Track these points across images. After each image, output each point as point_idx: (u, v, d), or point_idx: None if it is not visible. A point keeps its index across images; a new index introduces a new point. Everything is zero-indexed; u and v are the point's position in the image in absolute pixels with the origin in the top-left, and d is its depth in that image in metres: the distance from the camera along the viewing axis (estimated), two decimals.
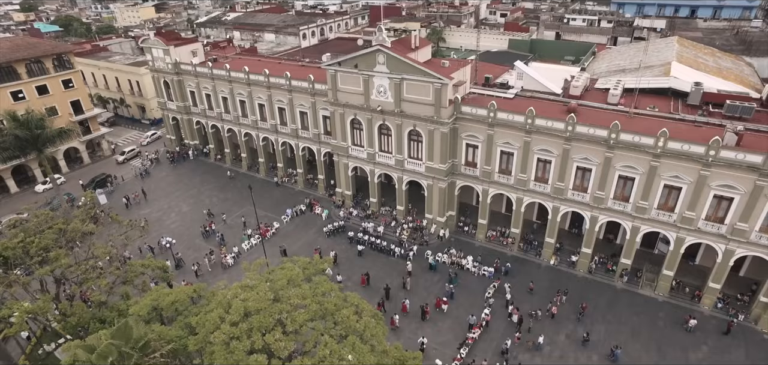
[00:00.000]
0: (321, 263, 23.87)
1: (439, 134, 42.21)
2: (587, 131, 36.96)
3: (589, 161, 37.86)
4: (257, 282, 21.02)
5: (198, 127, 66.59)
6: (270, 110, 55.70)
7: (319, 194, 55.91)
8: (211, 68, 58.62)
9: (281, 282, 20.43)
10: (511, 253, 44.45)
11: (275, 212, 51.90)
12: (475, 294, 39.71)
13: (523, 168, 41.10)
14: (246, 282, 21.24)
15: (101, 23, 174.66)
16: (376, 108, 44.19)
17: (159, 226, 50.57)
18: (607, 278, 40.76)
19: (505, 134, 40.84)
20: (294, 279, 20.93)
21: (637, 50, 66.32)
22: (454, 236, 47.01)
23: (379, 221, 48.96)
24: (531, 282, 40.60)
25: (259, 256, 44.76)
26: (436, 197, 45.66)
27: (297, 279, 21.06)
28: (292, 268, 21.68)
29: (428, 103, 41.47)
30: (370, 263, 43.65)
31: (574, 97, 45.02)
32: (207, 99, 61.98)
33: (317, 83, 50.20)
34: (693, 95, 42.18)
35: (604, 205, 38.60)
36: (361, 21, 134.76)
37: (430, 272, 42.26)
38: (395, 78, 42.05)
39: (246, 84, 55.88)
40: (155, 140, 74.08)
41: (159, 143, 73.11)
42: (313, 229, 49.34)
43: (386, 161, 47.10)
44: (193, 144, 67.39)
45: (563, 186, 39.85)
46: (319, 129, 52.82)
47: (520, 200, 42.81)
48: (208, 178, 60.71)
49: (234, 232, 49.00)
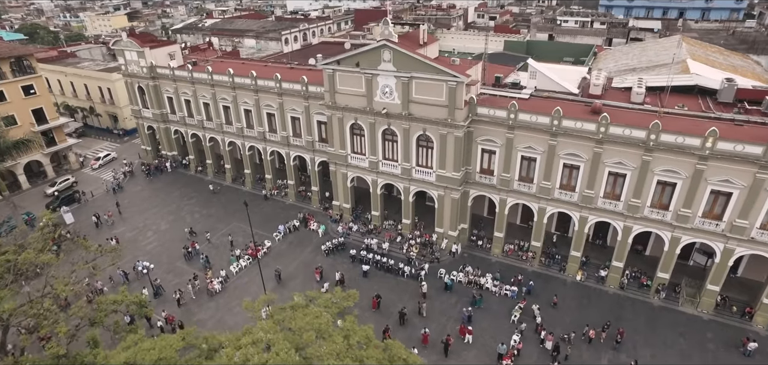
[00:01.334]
0: (346, 299, 18.99)
1: (453, 139, 37.86)
2: (622, 133, 33.16)
3: (624, 165, 34.05)
4: (272, 334, 15.86)
5: (176, 136, 60.70)
6: (257, 116, 50.51)
7: (313, 208, 50.81)
8: (191, 71, 53.14)
9: (307, 335, 15.37)
10: (531, 269, 40.27)
11: (266, 228, 46.58)
12: (498, 317, 35.30)
13: (548, 175, 37.07)
14: (258, 334, 16.04)
15: (70, 32, 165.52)
16: (380, 111, 39.60)
17: (134, 247, 44.60)
18: (641, 294, 36.92)
19: (526, 137, 36.78)
20: (322, 329, 15.90)
21: (641, 50, 63.85)
22: (467, 252, 42.59)
23: (383, 237, 44.18)
24: (554, 295, 36.71)
25: (249, 279, 39.54)
26: (448, 209, 41.21)
27: (326, 327, 16.07)
28: (318, 313, 16.68)
29: (441, 104, 37.13)
30: (378, 284, 38.81)
31: (595, 96, 41.42)
32: (186, 105, 56.33)
33: (311, 85, 45.38)
34: (724, 92, 39.05)
35: (640, 214, 34.82)
36: (345, 26, 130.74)
37: (445, 293, 37.67)
38: (403, 77, 37.60)
39: (230, 88, 50.61)
40: (109, 161, 64.63)
41: (130, 156, 66.72)
42: (310, 247, 44.20)
43: (391, 170, 42.46)
44: (171, 155, 61.40)
45: (593, 194, 35.95)
46: (314, 136, 47.90)
47: (542, 211, 38.74)
48: (188, 192, 54.89)
49: (220, 253, 43.46)
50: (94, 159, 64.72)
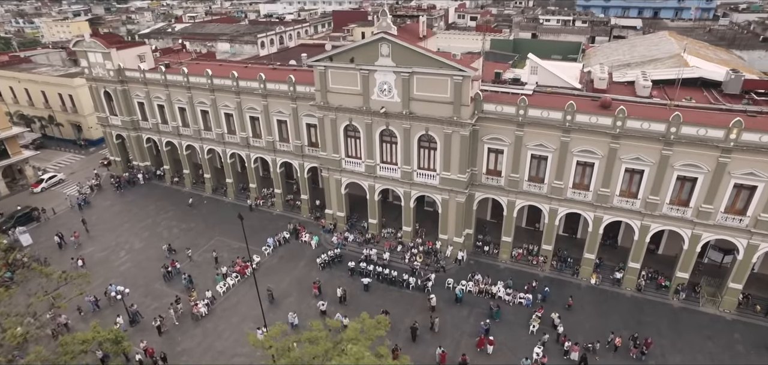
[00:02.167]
0: (376, 328, 15.90)
1: (459, 138, 35.26)
2: (640, 126, 31.29)
3: (642, 161, 32.20)
4: None
5: (149, 145, 55.95)
6: (240, 120, 46.66)
7: (303, 218, 47.24)
8: (165, 73, 48.80)
9: None
10: (543, 274, 38.02)
11: (253, 242, 42.61)
12: (514, 328, 32.77)
13: (560, 174, 34.92)
14: None
15: (23, 39, 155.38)
16: (378, 110, 36.65)
17: (105, 269, 39.96)
18: (659, 295, 35.15)
19: (537, 134, 34.55)
20: None
21: (631, 46, 63.35)
22: (473, 259, 40.02)
23: (383, 247, 41.10)
24: (570, 297, 34.78)
25: (239, 300, 35.78)
26: (454, 214, 38.54)
27: None
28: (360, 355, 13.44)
29: (445, 101, 34.49)
30: (381, 298, 35.69)
31: (600, 91, 39.87)
32: (160, 111, 51.83)
33: (300, 85, 42.02)
34: (731, 84, 38.16)
35: (659, 212, 33.04)
36: (322, 29, 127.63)
37: (455, 305, 34.89)
38: (403, 73, 34.78)
39: (209, 90, 46.60)
40: (55, 184, 56.54)
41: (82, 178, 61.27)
42: (303, 261, 40.66)
43: (390, 175, 39.51)
44: (144, 166, 56.57)
45: (608, 192, 34.00)
46: (303, 140, 44.46)
47: (554, 212, 36.57)
48: (164, 205, 50.30)
49: (204, 271, 39.37)
50: (35, 182, 56.25)
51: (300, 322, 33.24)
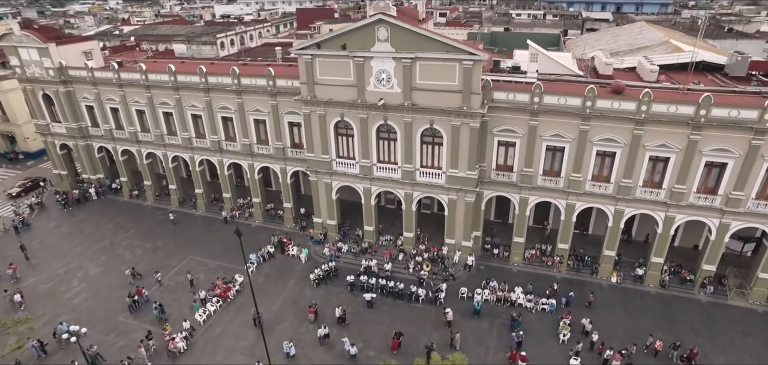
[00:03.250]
0: None
1: (468, 131, 31.69)
2: (667, 110, 28.88)
3: (668, 147, 29.81)
4: None
5: (102, 155, 49.01)
6: (210, 121, 41.10)
7: (287, 229, 42.21)
8: (118, 72, 42.43)
9: None
10: (559, 275, 35.11)
11: (232, 259, 37.39)
12: (542, 337, 29.49)
13: (578, 166, 32.08)
14: None
15: None
16: (376, 103, 32.49)
17: (52, 304, 33.35)
18: (684, 290, 32.99)
19: (553, 124, 31.55)
20: None
21: (613, 36, 62.62)
22: (482, 263, 36.54)
23: (383, 257, 36.89)
24: (591, 293, 32.30)
25: (223, 329, 30.57)
26: (462, 215, 34.91)
27: None
28: None
29: (453, 89, 30.82)
30: (388, 316, 31.50)
31: (605, 77, 37.58)
32: (113, 115, 45.23)
33: (280, 79, 37.20)
34: (737, 66, 37.07)
35: (685, 202, 30.79)
36: (284, 29, 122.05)
37: (474, 317, 31.19)
38: (405, 59, 30.83)
39: (172, 89, 40.76)
40: None
41: None
42: (293, 277, 35.75)
43: (388, 176, 35.40)
44: (96, 179, 49.47)
45: (631, 183, 31.46)
46: (285, 141, 39.54)
47: (571, 208, 33.72)
48: (123, 222, 43.67)
49: (177, 297, 33.66)
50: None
51: (297, 351, 28.53)
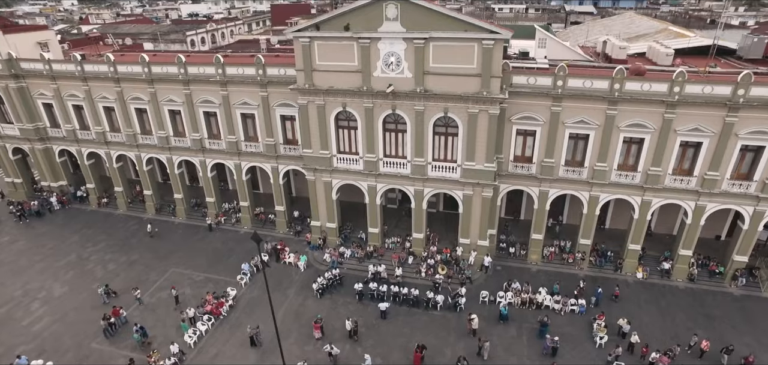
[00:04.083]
0: None
1: (486, 119, 28.82)
2: (702, 91, 26.88)
3: (701, 131, 27.83)
4: None
5: (64, 159, 43.65)
6: (191, 118, 36.79)
7: (279, 234, 38.31)
8: (82, 63, 37.53)
9: None
10: (581, 272, 32.72)
11: (221, 270, 33.35)
12: (576, 341, 26.90)
13: (603, 155, 29.76)
14: None
15: None
16: (384, 90, 29.21)
17: (8, 333, 28.29)
18: (714, 284, 31.18)
19: (577, 109, 29.12)
20: None
21: (603, 26, 61.63)
22: (498, 264, 33.77)
23: (392, 261, 33.56)
24: (616, 286, 30.30)
25: (218, 351, 26.66)
26: (478, 212, 31.99)
27: None
28: None
29: (470, 73, 27.88)
30: (405, 326, 28.22)
31: (619, 61, 35.68)
32: (77, 113, 40.18)
33: (271, 67, 33.43)
34: (753, 48, 35.84)
35: (717, 189, 28.91)
36: (256, 27, 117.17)
37: (499, 323, 28.29)
38: (417, 39, 27.71)
39: (146, 82, 36.27)
40: None
41: None
42: (293, 288, 31.95)
43: (396, 171, 32.14)
44: (58, 186, 44.02)
45: (660, 172, 29.36)
46: (277, 137, 35.67)
47: (594, 200, 31.38)
48: (92, 234, 38.61)
49: (160, 317, 29.28)
50: None
51: None
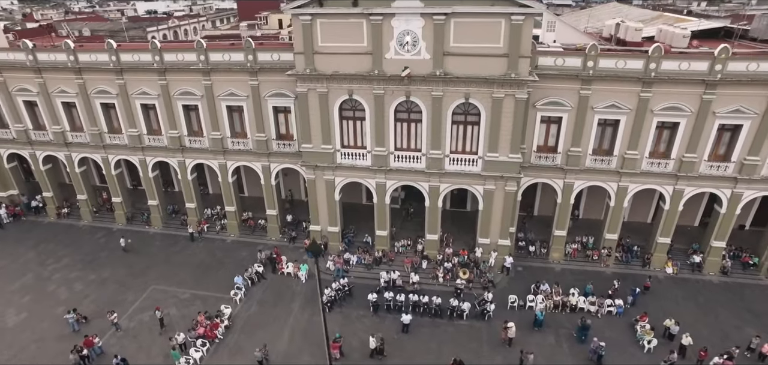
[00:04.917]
0: None
1: (513, 104, 25.99)
2: (746, 69, 25.03)
3: (742, 113, 25.99)
4: None
5: (13, 165, 37.79)
6: (167, 113, 32.17)
7: (272, 241, 34.20)
8: (34, 52, 32.25)
9: None
10: (607, 269, 30.44)
11: (210, 286, 29.00)
12: (621, 345, 24.42)
13: (634, 142, 27.52)
14: None
15: None
16: (399, 73, 25.84)
17: None
18: (749, 277, 29.54)
19: (608, 93, 26.74)
20: None
21: (590, 16, 60.51)
22: (519, 264, 31.00)
23: (405, 267, 30.19)
24: (647, 278, 28.55)
25: None
26: (500, 209, 29.09)
27: None
28: None
29: (496, 52, 24.95)
30: (432, 340, 24.93)
31: (634, 44, 33.81)
32: (29, 111, 34.69)
33: (262, 52, 29.43)
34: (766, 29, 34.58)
35: (757, 175, 27.19)
36: (221, 24, 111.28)
37: (534, 330, 25.44)
38: (437, 15, 24.54)
39: (114, 73, 31.42)
40: None
41: None
42: (296, 302, 27.99)
43: (409, 166, 28.83)
44: (8, 196, 38.06)
45: (696, 158, 27.38)
46: (269, 132, 31.58)
47: (623, 191, 29.13)
48: (53, 249, 33.16)
49: (145, 344, 24.70)
50: None
51: None
